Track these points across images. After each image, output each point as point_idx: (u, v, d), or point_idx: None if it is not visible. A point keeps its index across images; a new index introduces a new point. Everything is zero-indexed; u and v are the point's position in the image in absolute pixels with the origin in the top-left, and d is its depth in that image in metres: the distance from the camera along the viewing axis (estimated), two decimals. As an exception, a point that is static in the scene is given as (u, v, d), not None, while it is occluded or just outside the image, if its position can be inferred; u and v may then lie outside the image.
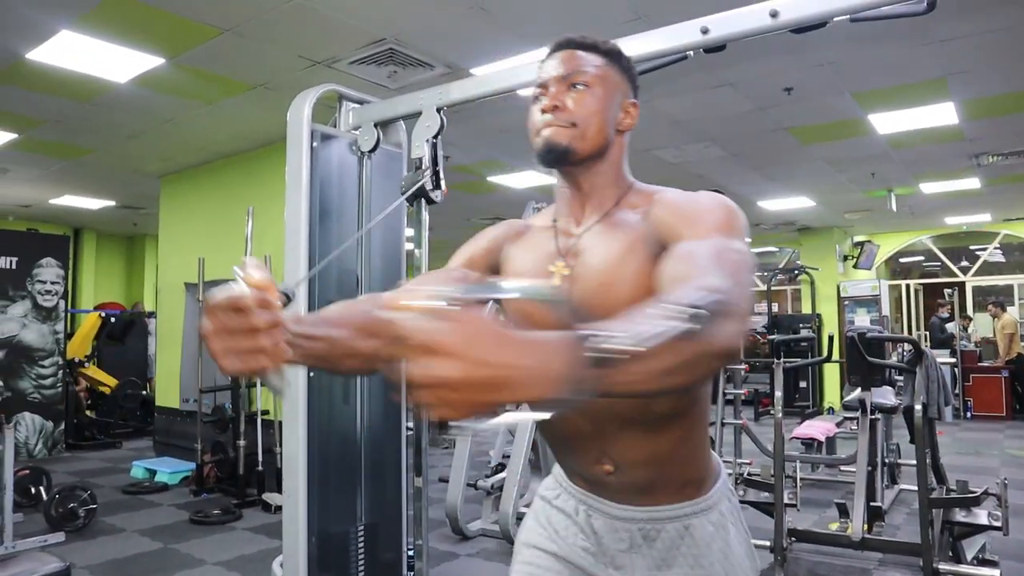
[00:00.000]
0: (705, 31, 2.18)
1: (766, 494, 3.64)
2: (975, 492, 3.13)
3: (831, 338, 5.37)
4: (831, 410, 10.28)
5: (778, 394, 3.92)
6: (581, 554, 1.19)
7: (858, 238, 11.91)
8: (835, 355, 5.90)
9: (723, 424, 5.61)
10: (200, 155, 6.10)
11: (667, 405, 1.11)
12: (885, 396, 4.27)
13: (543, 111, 1.15)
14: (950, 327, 10.17)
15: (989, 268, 11.69)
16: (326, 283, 2.84)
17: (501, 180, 7.26)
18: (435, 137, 2.71)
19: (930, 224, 11.27)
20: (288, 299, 0.98)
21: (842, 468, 5.46)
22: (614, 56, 1.21)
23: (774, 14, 2.05)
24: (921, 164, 6.83)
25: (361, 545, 2.89)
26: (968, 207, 9.46)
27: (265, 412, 5.25)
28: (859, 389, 3.87)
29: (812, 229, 11.36)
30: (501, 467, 4.89)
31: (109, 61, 3.96)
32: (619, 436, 1.13)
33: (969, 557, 3.23)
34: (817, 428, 5.92)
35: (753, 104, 4.98)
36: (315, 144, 2.79)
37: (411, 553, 3.11)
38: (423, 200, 2.74)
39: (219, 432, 5.38)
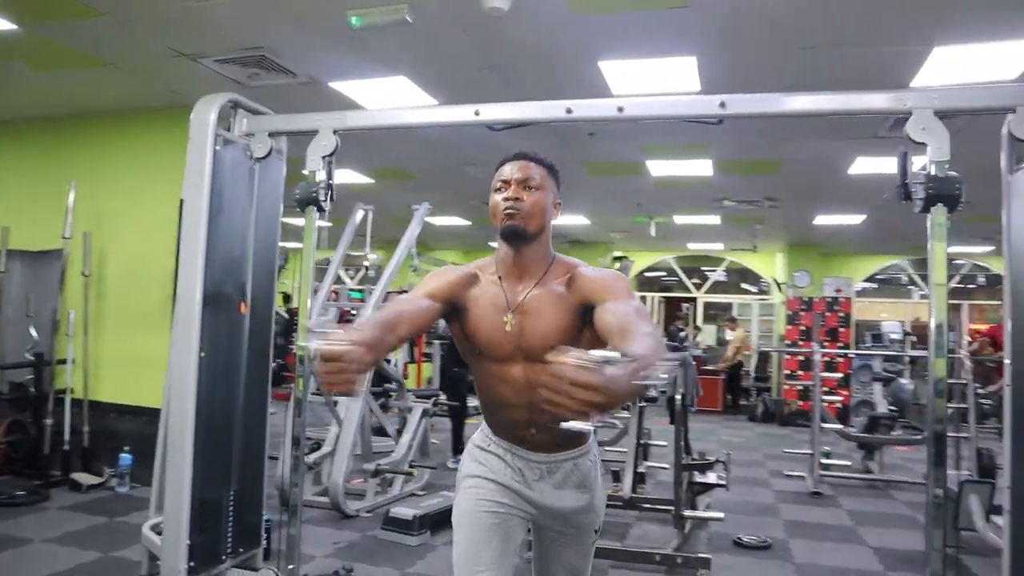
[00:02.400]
0: (569, 111, 2.87)
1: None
2: (710, 460, 4.25)
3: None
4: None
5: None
6: (509, 480, 1.81)
7: (617, 253, 13.64)
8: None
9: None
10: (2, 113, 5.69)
11: None
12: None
13: (506, 199, 1.72)
14: (684, 335, 12.15)
15: (716, 287, 14.06)
16: (213, 273, 3.10)
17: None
18: (331, 156, 3.15)
19: (676, 247, 13.30)
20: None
21: (607, 448, 6.56)
22: (552, 169, 1.82)
23: (620, 109, 2.81)
24: (678, 201, 8.30)
25: (231, 509, 3.22)
26: (707, 237, 11.42)
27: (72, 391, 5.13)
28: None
29: (582, 242, 12.84)
30: (317, 446, 5.30)
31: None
32: (544, 415, 1.73)
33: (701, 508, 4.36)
34: (586, 416, 7.01)
35: (559, 141, 5.86)
36: (218, 148, 3.07)
37: (267, 518, 3.51)
38: (315, 207, 3.16)
39: (18, 411, 5.14)
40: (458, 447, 6.60)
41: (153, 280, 5.09)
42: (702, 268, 14.14)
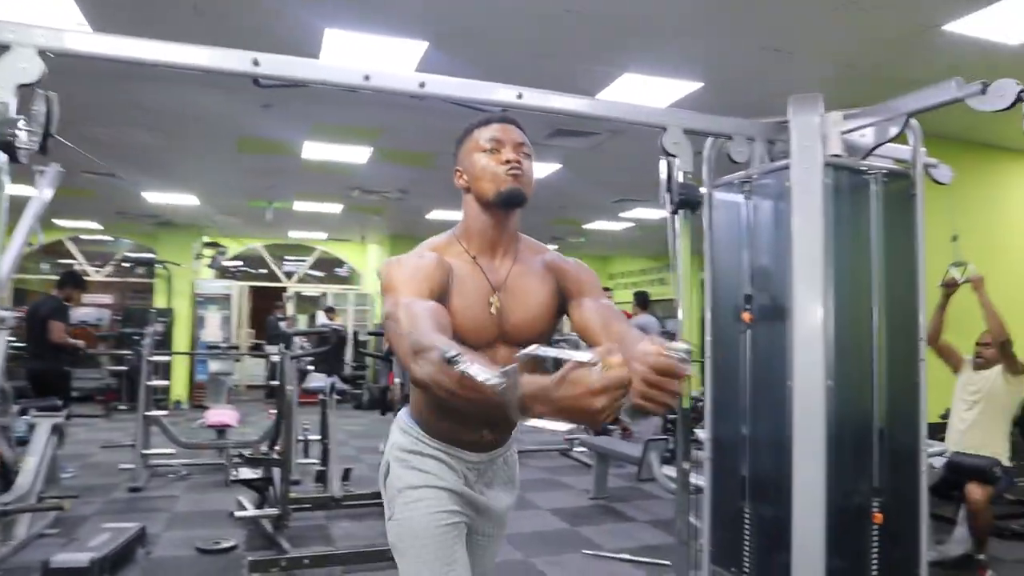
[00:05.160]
0: (367, 78, 2.64)
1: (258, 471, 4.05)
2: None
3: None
4: (178, 404, 10.58)
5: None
6: (452, 482, 1.65)
7: (206, 239, 12.28)
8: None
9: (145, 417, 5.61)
10: None
11: None
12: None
13: (507, 161, 1.58)
14: (283, 325, 11.69)
15: (307, 278, 13.89)
16: None
17: None
18: (35, 85, 2.32)
19: (276, 235, 12.72)
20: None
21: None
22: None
23: (422, 84, 2.69)
24: (312, 186, 7.98)
25: None
26: (312, 225, 11.17)
27: None
28: (325, 376, 4.63)
29: (173, 225, 11.22)
30: None
31: None
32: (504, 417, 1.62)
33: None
34: (227, 415, 6.35)
35: (230, 109, 5.14)
36: None
37: None
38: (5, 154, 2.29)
39: None
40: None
41: None
42: (286, 257, 13.77)
